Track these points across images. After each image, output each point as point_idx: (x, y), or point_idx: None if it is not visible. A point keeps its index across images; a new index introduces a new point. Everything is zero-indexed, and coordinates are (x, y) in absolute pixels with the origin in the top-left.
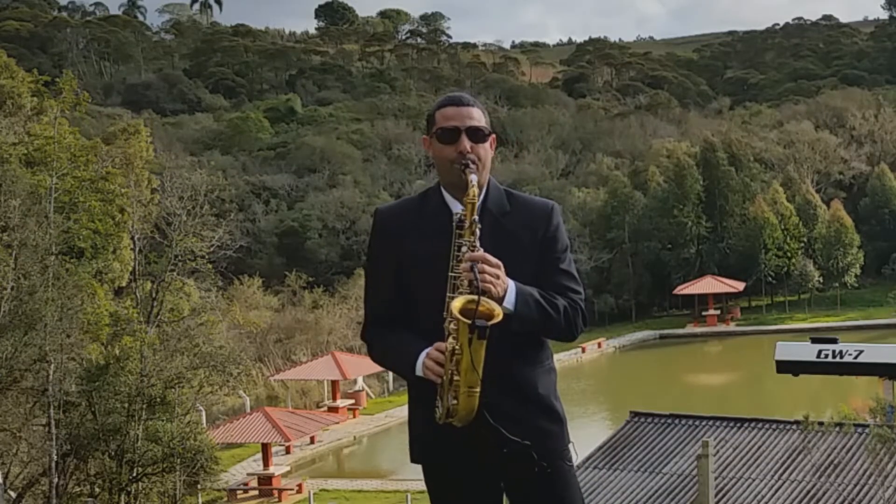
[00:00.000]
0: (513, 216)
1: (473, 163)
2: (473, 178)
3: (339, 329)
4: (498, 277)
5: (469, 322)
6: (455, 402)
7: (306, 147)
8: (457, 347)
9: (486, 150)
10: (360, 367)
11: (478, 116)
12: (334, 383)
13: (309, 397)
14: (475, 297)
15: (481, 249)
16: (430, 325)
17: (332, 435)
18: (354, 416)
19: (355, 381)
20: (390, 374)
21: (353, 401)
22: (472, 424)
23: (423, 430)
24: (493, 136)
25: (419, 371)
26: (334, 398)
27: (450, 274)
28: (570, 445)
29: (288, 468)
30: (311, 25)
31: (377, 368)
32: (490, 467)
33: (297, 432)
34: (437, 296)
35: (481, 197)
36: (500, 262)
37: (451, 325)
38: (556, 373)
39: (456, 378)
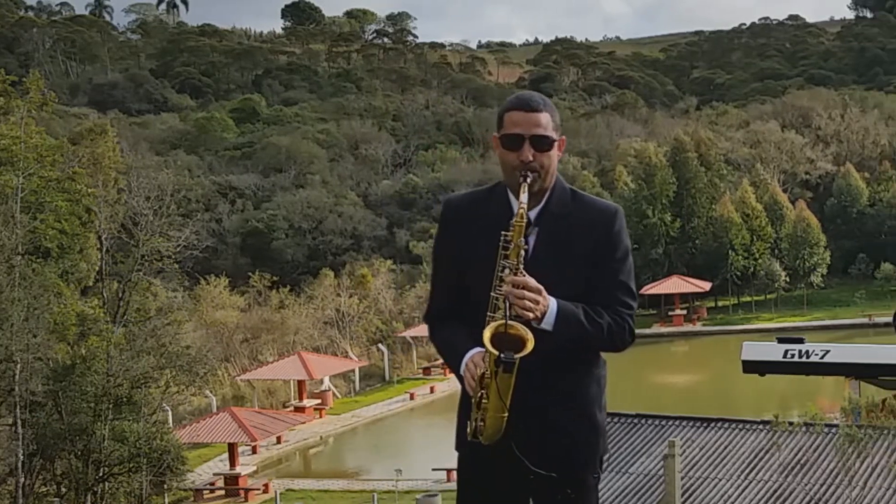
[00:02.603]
0: (573, 219)
1: (535, 172)
2: (525, 197)
3: (306, 329)
4: (537, 303)
5: (496, 355)
6: (482, 423)
7: (272, 147)
8: (487, 373)
9: (552, 157)
10: (327, 366)
11: (545, 122)
12: (301, 383)
13: (275, 397)
14: (504, 324)
15: (524, 274)
16: (482, 322)
17: (298, 435)
18: (321, 416)
19: (322, 381)
20: (357, 373)
21: (319, 401)
22: (501, 448)
23: (464, 425)
24: (562, 138)
25: (462, 372)
26: (301, 398)
27: (492, 294)
28: (602, 457)
29: (254, 468)
30: (277, 25)
31: (343, 368)
32: (518, 481)
33: (263, 432)
34: (488, 295)
35: (544, 200)
36: (540, 287)
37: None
38: (604, 380)
39: (484, 401)
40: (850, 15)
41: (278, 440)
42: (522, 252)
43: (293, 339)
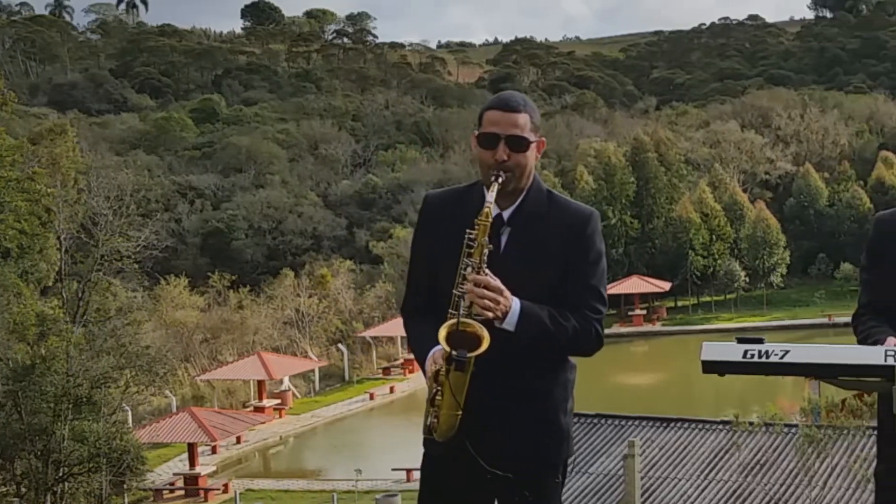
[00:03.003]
0: (547, 220)
1: (509, 172)
2: (491, 196)
3: (265, 329)
4: (498, 302)
5: (448, 352)
6: (436, 420)
7: (232, 147)
8: (441, 371)
9: (527, 157)
10: (286, 366)
11: (522, 123)
12: (260, 383)
13: (235, 397)
14: (466, 321)
15: (487, 273)
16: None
17: (258, 435)
18: (280, 416)
19: (281, 381)
20: (316, 373)
21: (279, 401)
22: (458, 446)
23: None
24: (542, 140)
25: (426, 368)
26: (260, 398)
27: (454, 291)
28: (567, 461)
29: (214, 468)
30: (237, 25)
31: (303, 368)
32: (478, 482)
33: (223, 432)
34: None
35: (519, 200)
36: (501, 287)
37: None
38: (572, 385)
39: (438, 398)
40: (810, 15)
41: (238, 440)
42: (486, 251)
43: (253, 339)
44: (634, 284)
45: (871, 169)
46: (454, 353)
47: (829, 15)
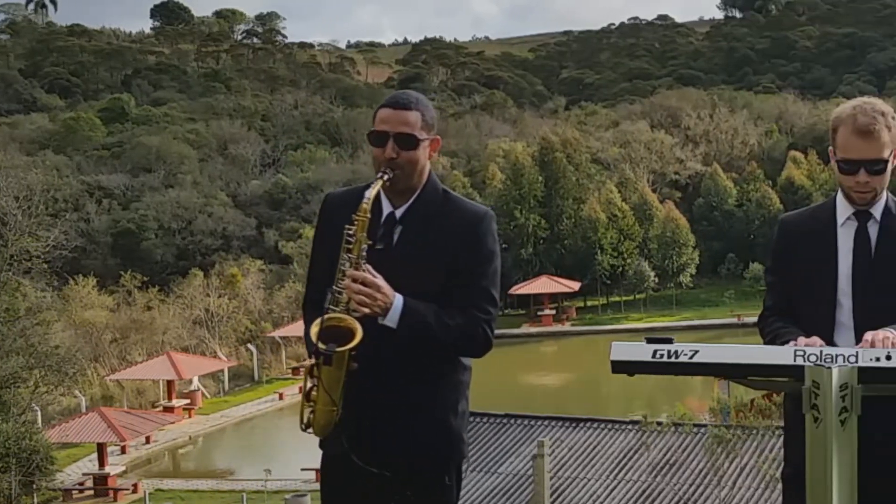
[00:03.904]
0: (440, 219)
1: (397, 169)
2: (371, 192)
3: (175, 329)
4: (375, 298)
5: (315, 345)
6: (312, 415)
7: (141, 147)
8: (315, 365)
9: (418, 155)
10: (196, 366)
11: (413, 121)
12: (170, 383)
13: (144, 397)
14: (340, 316)
15: (366, 267)
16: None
17: (167, 435)
18: (190, 416)
19: (191, 381)
20: (226, 373)
21: (188, 400)
22: (339, 443)
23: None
24: (436, 138)
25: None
26: (170, 398)
27: (333, 287)
28: (459, 463)
29: (123, 468)
30: (146, 25)
31: (212, 368)
32: (367, 480)
33: (132, 432)
34: None
35: (412, 199)
36: (378, 283)
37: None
38: (464, 386)
39: (314, 393)
40: (719, 15)
41: (147, 440)
42: (364, 246)
43: (162, 339)
44: (544, 284)
45: (781, 169)
46: (322, 347)
47: (738, 15)
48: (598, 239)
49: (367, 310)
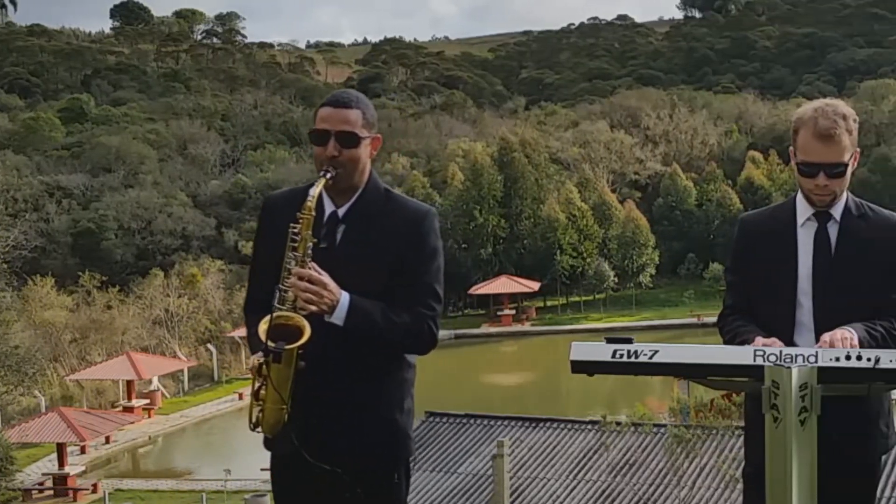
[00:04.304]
0: (383, 218)
1: (339, 168)
2: (315, 190)
3: (134, 329)
4: (321, 296)
5: (265, 343)
6: (261, 414)
7: (101, 147)
8: (263, 364)
9: (359, 153)
10: (156, 366)
11: (353, 119)
12: (129, 383)
13: (104, 397)
14: (287, 314)
15: (312, 265)
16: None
17: (127, 435)
18: (150, 416)
19: (150, 381)
20: (185, 373)
21: (148, 400)
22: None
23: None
24: (377, 137)
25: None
26: (129, 398)
27: (279, 286)
28: (407, 460)
29: (83, 468)
30: (106, 25)
31: (172, 368)
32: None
33: (92, 432)
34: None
35: (354, 198)
36: (324, 280)
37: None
38: (409, 384)
39: (262, 392)
40: (679, 15)
41: (107, 440)
42: (310, 245)
43: (122, 339)
44: (503, 284)
45: (741, 169)
46: (271, 345)
47: (698, 15)
48: (558, 239)
49: (313, 307)
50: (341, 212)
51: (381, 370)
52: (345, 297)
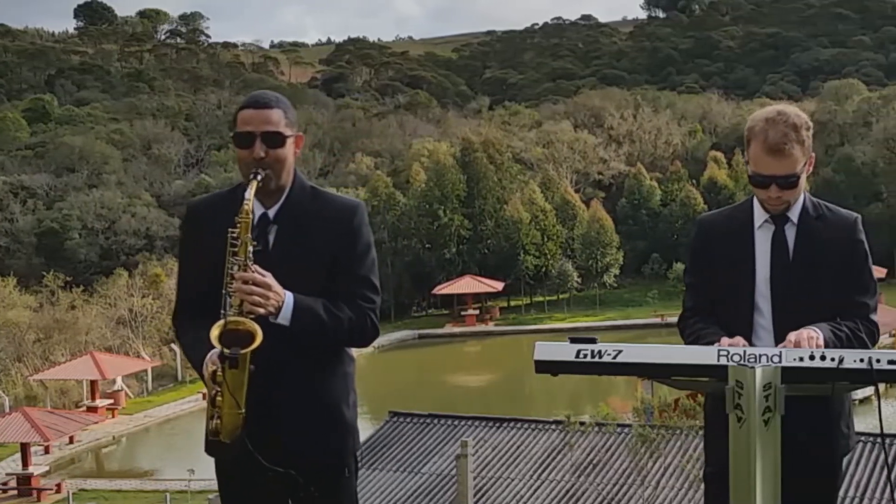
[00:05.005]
0: (314, 215)
1: (267, 169)
2: (250, 192)
3: (98, 329)
4: (267, 297)
5: (219, 351)
6: (219, 420)
7: (65, 147)
8: (218, 370)
9: (286, 153)
10: (119, 366)
11: (276, 119)
12: (93, 383)
13: (68, 397)
14: (239, 319)
15: (254, 268)
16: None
17: (91, 435)
18: (113, 416)
19: (114, 381)
20: (149, 373)
21: (112, 400)
22: (242, 446)
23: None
24: (299, 135)
25: (203, 372)
26: (93, 398)
27: (223, 291)
28: (355, 455)
29: (47, 468)
30: (70, 25)
31: (136, 368)
32: (266, 481)
33: (56, 432)
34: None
35: (283, 198)
36: (269, 282)
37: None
38: (351, 378)
39: (219, 399)
40: (643, 15)
41: (71, 440)
42: (251, 248)
43: (85, 338)
44: (467, 284)
45: (704, 169)
46: (226, 351)
47: (661, 15)
48: (521, 239)
49: (261, 310)
50: (272, 213)
51: (326, 366)
52: (289, 297)
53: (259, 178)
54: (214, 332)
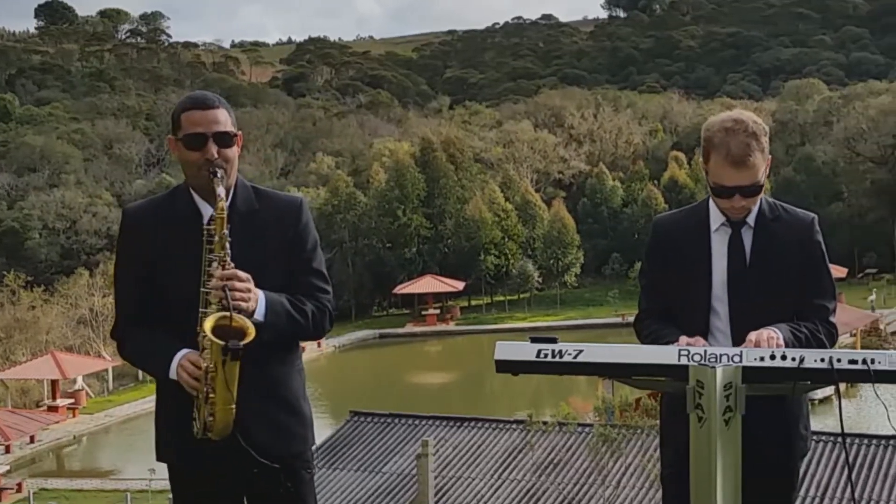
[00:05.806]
0: (261, 215)
1: (222, 168)
2: (221, 190)
3: (59, 328)
4: (249, 291)
5: (222, 344)
6: (212, 418)
7: (26, 147)
8: (211, 366)
9: (234, 152)
10: (80, 366)
11: (224, 119)
12: (54, 382)
13: (29, 397)
14: (226, 314)
15: (232, 265)
16: (184, 325)
17: (51, 434)
18: (74, 416)
19: (75, 381)
20: (110, 373)
21: (72, 400)
22: (225, 444)
23: (169, 431)
24: (239, 134)
25: (173, 374)
26: (54, 397)
27: (201, 290)
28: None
29: (7, 467)
30: (31, 25)
31: (97, 367)
32: (236, 479)
33: (17, 432)
34: (189, 296)
35: (229, 199)
36: (249, 277)
37: (206, 342)
38: (303, 369)
39: (212, 395)
40: (604, 14)
41: (31, 439)
42: (227, 243)
43: (46, 338)
44: (428, 284)
45: (665, 168)
46: (229, 343)
47: (622, 15)
48: (482, 238)
49: (244, 305)
50: None
51: (285, 360)
52: (260, 293)
53: (220, 175)
54: (208, 326)
